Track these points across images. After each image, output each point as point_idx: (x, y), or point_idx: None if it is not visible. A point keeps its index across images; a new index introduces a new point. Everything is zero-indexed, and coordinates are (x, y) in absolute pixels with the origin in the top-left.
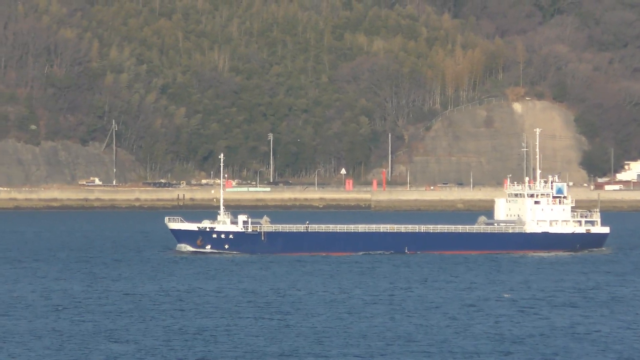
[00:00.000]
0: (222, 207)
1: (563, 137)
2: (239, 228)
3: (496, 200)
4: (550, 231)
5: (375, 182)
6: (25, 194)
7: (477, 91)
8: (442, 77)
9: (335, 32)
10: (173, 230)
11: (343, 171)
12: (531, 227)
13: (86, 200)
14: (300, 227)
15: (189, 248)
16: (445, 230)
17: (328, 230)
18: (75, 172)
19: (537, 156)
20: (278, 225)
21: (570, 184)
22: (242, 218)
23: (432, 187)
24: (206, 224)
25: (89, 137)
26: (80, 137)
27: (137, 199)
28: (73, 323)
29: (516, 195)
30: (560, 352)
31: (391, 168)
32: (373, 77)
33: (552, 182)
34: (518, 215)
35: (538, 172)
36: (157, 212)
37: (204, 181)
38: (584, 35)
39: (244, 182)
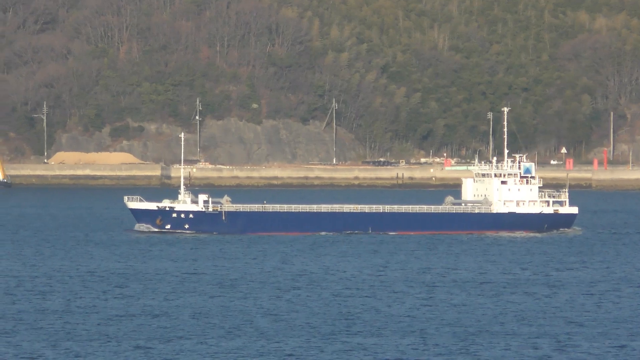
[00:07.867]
0: (182, 186)
1: None
2: (199, 207)
3: (463, 180)
4: (517, 211)
5: (596, 162)
6: (247, 172)
7: None
8: None
9: (556, 10)
10: (132, 210)
11: (563, 150)
12: (498, 208)
13: (306, 178)
14: (260, 207)
15: (149, 227)
16: (410, 211)
17: (290, 210)
18: (296, 151)
19: None
20: (239, 205)
21: None
22: (202, 197)
23: None
24: (166, 203)
25: (309, 115)
26: (301, 116)
27: (356, 178)
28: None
29: (483, 175)
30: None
31: (613, 147)
32: (595, 55)
33: (519, 162)
34: (485, 196)
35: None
36: (376, 190)
37: (422, 160)
38: None
39: (462, 160)
